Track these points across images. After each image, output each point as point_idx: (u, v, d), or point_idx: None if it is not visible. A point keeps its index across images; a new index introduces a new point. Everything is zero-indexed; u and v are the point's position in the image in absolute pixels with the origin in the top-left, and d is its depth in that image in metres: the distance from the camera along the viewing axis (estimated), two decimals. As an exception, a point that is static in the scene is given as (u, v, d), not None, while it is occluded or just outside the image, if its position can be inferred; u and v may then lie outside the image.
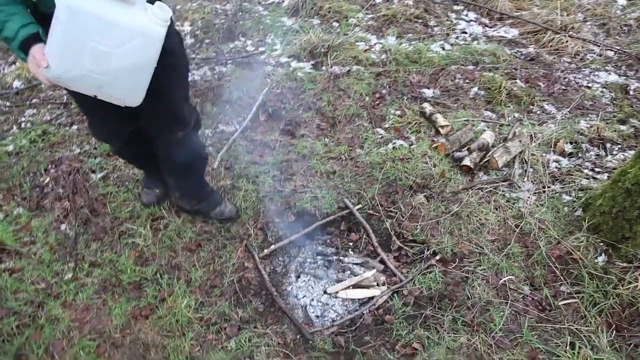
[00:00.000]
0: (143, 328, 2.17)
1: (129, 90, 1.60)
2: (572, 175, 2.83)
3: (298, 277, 2.43)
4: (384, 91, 3.55)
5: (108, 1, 1.40)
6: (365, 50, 4.02)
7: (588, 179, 2.80)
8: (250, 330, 2.15)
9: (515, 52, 4.04)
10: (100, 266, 2.46)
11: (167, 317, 2.21)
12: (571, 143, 3.07)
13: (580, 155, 3.00)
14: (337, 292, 2.34)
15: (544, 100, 3.49)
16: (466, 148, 2.93)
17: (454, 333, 2.15)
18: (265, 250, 2.51)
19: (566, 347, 2.06)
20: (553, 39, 4.14)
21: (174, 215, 2.68)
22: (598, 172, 2.87)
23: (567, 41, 4.10)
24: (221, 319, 2.21)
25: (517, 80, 3.62)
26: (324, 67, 3.82)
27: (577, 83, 3.72)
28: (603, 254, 2.34)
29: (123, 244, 2.55)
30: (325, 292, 2.35)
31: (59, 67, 1.48)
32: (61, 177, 2.93)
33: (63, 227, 2.65)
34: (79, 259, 2.49)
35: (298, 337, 2.15)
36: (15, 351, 2.11)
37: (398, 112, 3.36)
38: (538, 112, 3.39)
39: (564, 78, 3.75)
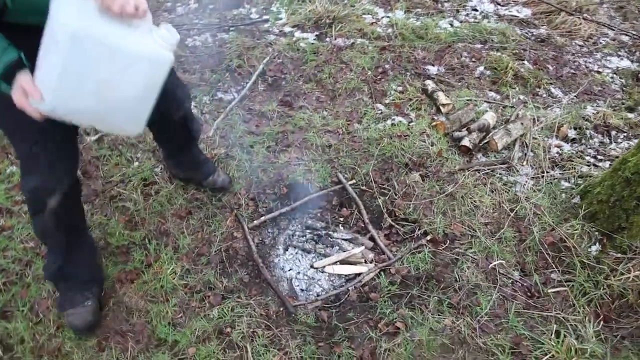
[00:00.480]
0: (128, 292, 2.17)
1: (131, 118, 1.46)
2: (572, 161, 2.76)
3: (286, 249, 2.41)
4: (387, 66, 3.46)
5: (111, 25, 1.25)
6: (372, 23, 3.90)
7: (589, 166, 2.73)
8: (233, 300, 2.14)
9: (526, 33, 3.91)
10: (89, 228, 2.44)
11: (152, 282, 2.20)
12: (575, 129, 2.99)
13: (583, 141, 2.92)
14: (323, 267, 2.32)
15: (551, 84, 3.39)
16: (466, 128, 2.86)
17: (438, 314, 2.13)
18: (255, 221, 2.48)
19: (551, 335, 2.04)
20: (566, 20, 4.00)
21: (167, 182, 2.64)
22: (600, 160, 2.80)
23: (580, 23, 3.96)
24: (206, 287, 2.20)
25: (525, 62, 3.51)
26: (327, 39, 3.72)
27: (587, 67, 3.61)
28: (597, 243, 2.29)
29: (113, 208, 2.53)
30: (312, 266, 2.33)
31: (55, 99, 1.29)
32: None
33: (54, 187, 2.63)
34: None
35: (281, 309, 2.13)
36: (1, 307, 2.12)
37: (400, 88, 3.28)
38: (544, 95, 3.30)
39: (574, 61, 3.64)
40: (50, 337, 2.01)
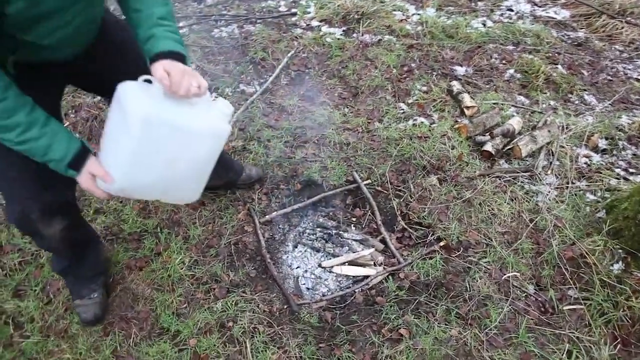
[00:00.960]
0: (135, 279, 2.19)
1: (192, 188, 1.53)
2: (601, 173, 2.63)
3: (295, 246, 2.39)
4: (413, 65, 3.38)
5: (177, 107, 1.30)
6: (401, 20, 3.82)
7: (618, 179, 2.60)
8: (238, 294, 2.14)
9: (562, 35, 3.75)
10: (104, 214, 2.48)
11: (160, 271, 2.21)
12: (607, 139, 2.84)
13: (614, 152, 2.78)
14: (331, 267, 2.29)
15: (585, 90, 3.24)
16: (489, 133, 2.76)
17: (445, 324, 2.07)
18: (267, 216, 2.47)
19: (562, 354, 1.95)
20: (607, 23, 3.81)
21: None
22: (631, 173, 2.65)
23: (622, 27, 3.76)
24: (212, 279, 2.20)
25: (559, 66, 3.36)
26: (354, 35, 3.67)
27: (626, 74, 3.43)
28: (620, 262, 2.18)
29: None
30: (319, 266, 2.30)
31: (125, 180, 1.35)
32: (79, 122, 2.96)
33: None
34: (86, 204, 2.52)
35: (285, 307, 2.12)
36: (15, 285, 2.18)
37: (424, 88, 3.20)
38: (576, 102, 3.16)
39: (612, 67, 3.46)
40: (59, 318, 2.05)
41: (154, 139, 1.28)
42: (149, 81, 1.31)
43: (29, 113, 1.28)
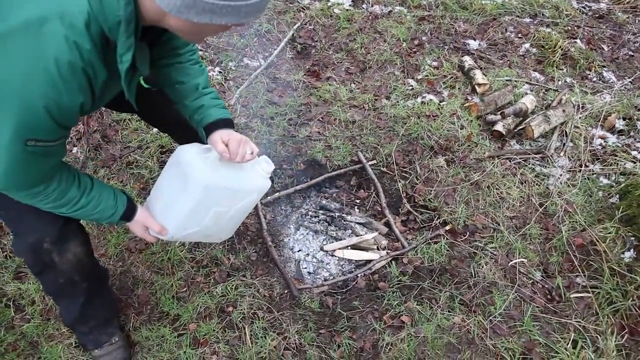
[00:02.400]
0: (135, 262, 2.17)
1: (229, 231, 1.70)
2: (616, 156, 2.52)
3: (297, 229, 2.35)
4: (424, 38, 3.25)
5: (231, 170, 1.45)
6: (413, -11, 3.65)
7: (635, 162, 2.49)
8: (238, 278, 2.11)
9: (583, 7, 3.57)
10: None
11: (160, 253, 2.19)
12: (624, 119, 2.72)
13: (632, 134, 2.66)
14: (334, 251, 2.25)
15: (604, 66, 3.09)
16: (500, 112, 2.65)
17: (448, 311, 2.03)
18: (269, 197, 2.42)
19: (568, 344, 1.91)
20: (632, -7, 3.62)
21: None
22: (649, 156, 2.55)
23: (647, -2, 3.57)
24: (212, 262, 2.18)
25: (577, 40, 3.21)
26: (364, 5, 3.52)
27: (649, 49, 3.27)
28: (632, 250, 2.11)
29: (129, 174, 2.52)
30: (321, 249, 2.26)
31: (177, 231, 1.49)
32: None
33: (75, 150, 2.64)
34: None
35: (285, 292, 2.09)
36: (15, 267, 2.17)
37: (435, 63, 3.07)
38: (594, 79, 3.02)
39: (635, 42, 3.30)
40: (58, 300, 2.05)
41: (210, 199, 1.44)
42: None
43: (79, 186, 1.32)
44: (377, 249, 2.26)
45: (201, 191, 1.40)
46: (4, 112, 1.01)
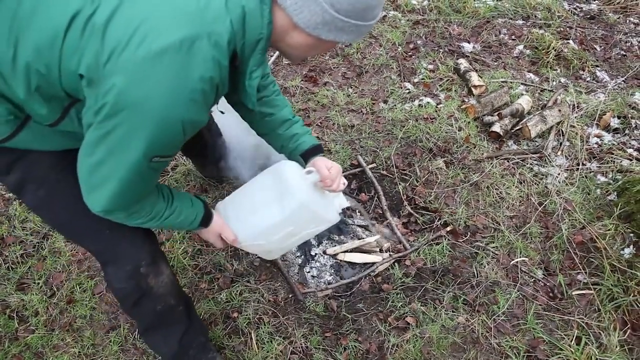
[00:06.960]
0: (139, 269, 2.17)
1: (282, 252, 1.73)
2: (612, 154, 2.56)
3: (299, 234, 2.35)
4: (419, 42, 3.28)
5: (320, 196, 1.49)
6: (406, -6, 3.69)
7: (631, 160, 2.53)
8: (242, 284, 2.11)
9: (574, 8, 3.62)
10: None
11: (163, 261, 2.19)
12: (619, 117, 2.76)
13: (627, 132, 2.70)
14: (336, 254, 2.26)
15: (597, 66, 3.14)
16: (497, 113, 2.68)
17: (452, 311, 2.04)
18: (270, 203, 2.43)
19: (571, 340, 1.93)
20: (622, -6, 3.68)
21: (185, 159, 2.61)
22: (644, 153, 2.59)
23: (637, -2, 3.63)
24: (216, 269, 2.18)
25: (570, 41, 3.25)
26: (358, 10, 3.54)
27: (640, 48, 3.32)
28: (631, 246, 2.13)
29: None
30: (324, 253, 2.27)
31: (245, 239, 1.51)
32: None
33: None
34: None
35: (290, 296, 2.10)
36: (18, 279, 2.16)
37: (430, 67, 3.10)
38: (588, 79, 3.06)
39: (626, 42, 3.35)
40: (62, 311, 2.04)
41: (295, 218, 1.46)
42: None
43: (163, 197, 1.30)
44: (380, 251, 2.27)
45: (294, 208, 1.43)
46: (140, 130, 0.99)
